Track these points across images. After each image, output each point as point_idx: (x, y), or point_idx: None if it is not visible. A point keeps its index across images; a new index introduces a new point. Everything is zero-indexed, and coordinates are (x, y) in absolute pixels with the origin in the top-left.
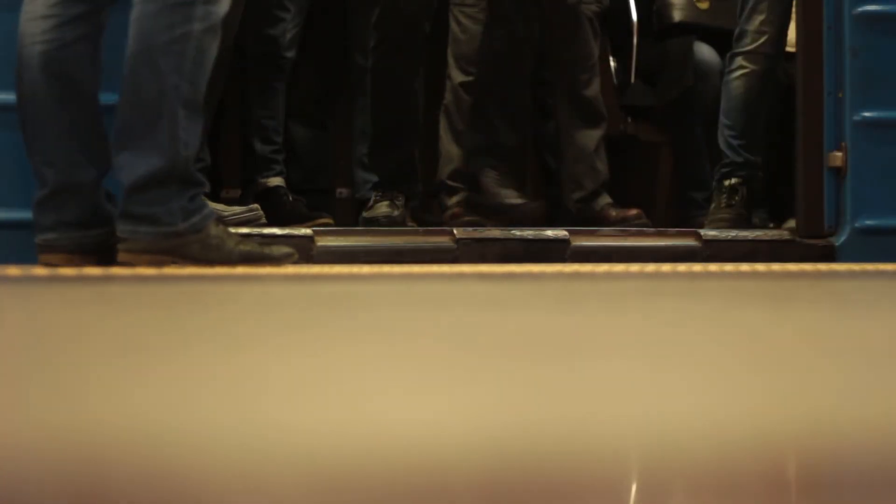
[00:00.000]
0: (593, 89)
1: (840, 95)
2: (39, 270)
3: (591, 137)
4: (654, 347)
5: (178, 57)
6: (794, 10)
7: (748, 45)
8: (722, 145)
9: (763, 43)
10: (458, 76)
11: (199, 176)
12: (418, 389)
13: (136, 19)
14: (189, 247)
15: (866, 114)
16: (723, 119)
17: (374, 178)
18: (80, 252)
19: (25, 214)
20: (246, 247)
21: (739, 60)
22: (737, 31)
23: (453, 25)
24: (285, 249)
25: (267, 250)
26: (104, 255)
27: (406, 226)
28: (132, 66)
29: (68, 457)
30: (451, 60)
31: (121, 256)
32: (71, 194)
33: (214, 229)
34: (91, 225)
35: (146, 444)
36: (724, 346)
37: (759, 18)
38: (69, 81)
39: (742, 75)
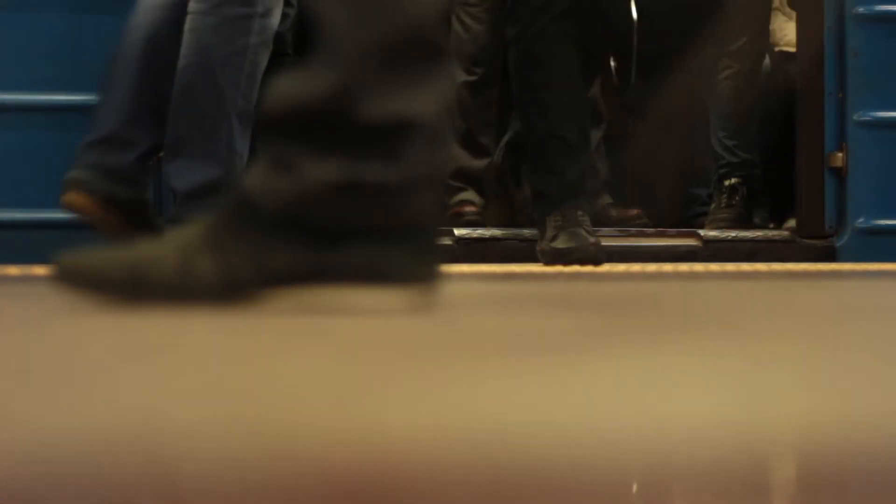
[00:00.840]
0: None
1: (840, 96)
2: (39, 270)
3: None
4: (655, 347)
5: (235, 70)
6: (784, 8)
7: (733, 44)
8: (716, 146)
9: (747, 41)
10: (460, 76)
11: None
12: (418, 390)
13: (192, 30)
14: None
15: (867, 114)
16: (714, 120)
17: None
18: (104, 203)
19: (25, 214)
20: None
21: (725, 61)
22: (720, 30)
23: (456, 25)
24: None
25: None
26: (124, 217)
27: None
28: (189, 77)
29: (67, 457)
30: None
31: None
32: (120, 146)
33: None
34: (125, 181)
35: (143, 445)
36: (725, 346)
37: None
38: (160, 55)
39: (729, 76)
